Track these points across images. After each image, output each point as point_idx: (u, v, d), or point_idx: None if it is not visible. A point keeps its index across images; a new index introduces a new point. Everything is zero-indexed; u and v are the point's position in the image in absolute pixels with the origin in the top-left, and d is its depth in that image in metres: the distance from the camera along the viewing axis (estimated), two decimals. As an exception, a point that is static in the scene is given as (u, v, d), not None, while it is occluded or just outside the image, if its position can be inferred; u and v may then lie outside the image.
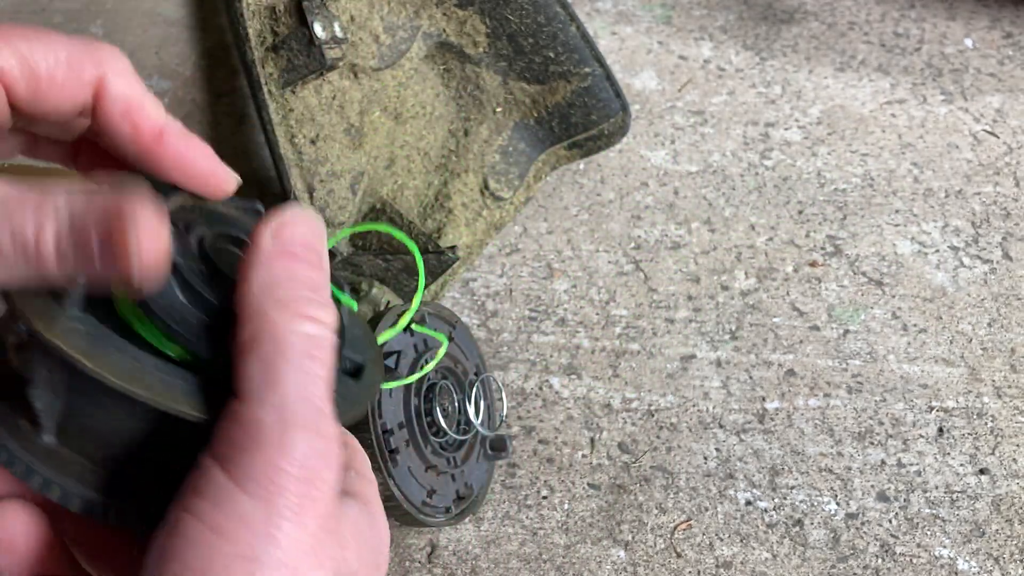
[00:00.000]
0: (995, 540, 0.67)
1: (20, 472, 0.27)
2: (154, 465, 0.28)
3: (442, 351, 0.48)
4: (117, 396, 0.26)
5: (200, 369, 0.28)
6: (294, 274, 0.28)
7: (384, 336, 0.34)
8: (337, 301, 0.30)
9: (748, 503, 0.68)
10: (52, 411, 0.27)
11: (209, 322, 0.28)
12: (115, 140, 0.31)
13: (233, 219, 0.31)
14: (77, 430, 0.27)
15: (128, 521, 0.28)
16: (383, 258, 0.69)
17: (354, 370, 0.32)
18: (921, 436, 0.72)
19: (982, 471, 0.71)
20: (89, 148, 0.34)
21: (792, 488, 0.69)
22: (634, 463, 0.70)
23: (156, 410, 0.26)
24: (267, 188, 0.88)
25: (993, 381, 0.76)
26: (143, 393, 0.25)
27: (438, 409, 0.59)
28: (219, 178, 0.32)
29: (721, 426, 0.73)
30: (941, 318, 0.81)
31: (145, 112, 0.31)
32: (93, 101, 0.31)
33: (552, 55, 0.79)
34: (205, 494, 0.25)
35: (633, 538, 0.66)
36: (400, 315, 0.61)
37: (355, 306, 0.32)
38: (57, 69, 0.30)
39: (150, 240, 0.25)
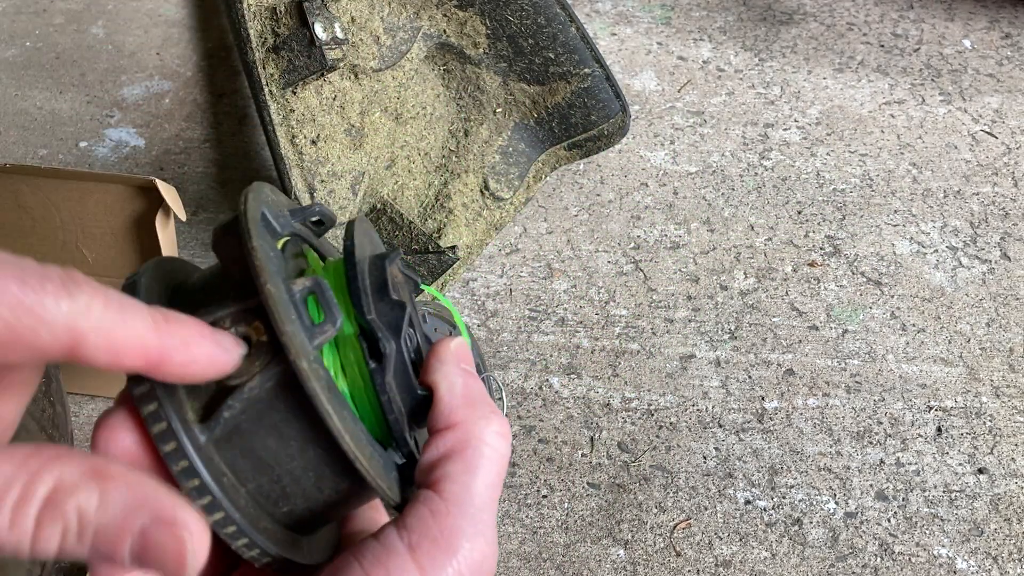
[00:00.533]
0: (993, 539, 0.67)
1: (180, 470, 0.26)
2: (311, 513, 0.29)
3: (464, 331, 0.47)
4: (317, 444, 0.27)
5: (384, 449, 0.30)
6: (480, 391, 0.31)
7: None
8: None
9: (747, 502, 0.69)
10: (232, 420, 0.27)
11: (407, 412, 0.30)
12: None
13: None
14: (240, 448, 0.27)
15: (272, 553, 0.28)
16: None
17: None
18: (920, 436, 0.73)
19: (980, 470, 0.71)
20: None
21: (791, 487, 0.70)
22: (634, 462, 0.71)
23: (351, 473, 0.28)
24: (268, 188, 0.88)
25: (991, 381, 0.76)
26: (363, 464, 0.27)
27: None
28: (221, 361, 0.27)
29: (720, 425, 0.73)
30: (940, 318, 0.81)
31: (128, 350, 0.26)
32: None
33: (552, 56, 0.79)
34: (380, 558, 0.28)
35: (633, 537, 0.67)
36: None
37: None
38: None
39: (200, 557, 0.24)
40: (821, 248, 0.86)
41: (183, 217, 0.72)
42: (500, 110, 0.82)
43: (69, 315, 0.23)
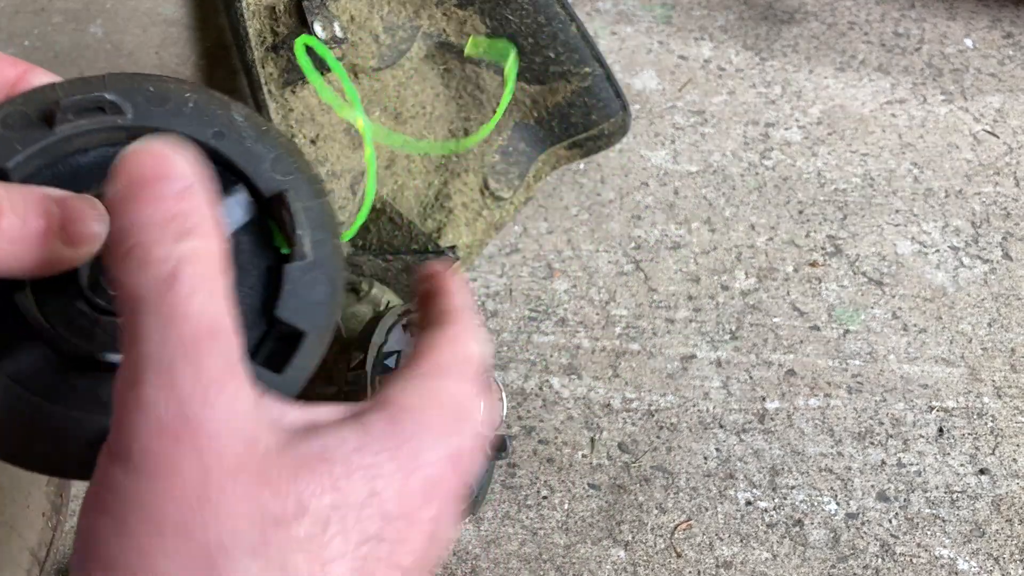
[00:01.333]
0: (995, 540, 0.67)
1: None
2: None
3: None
4: None
5: None
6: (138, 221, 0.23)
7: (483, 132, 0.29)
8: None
9: (748, 503, 0.68)
10: None
11: None
12: None
13: None
14: None
15: None
16: (383, 258, 0.69)
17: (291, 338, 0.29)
18: (921, 436, 0.72)
19: (982, 471, 0.71)
20: None
21: (792, 488, 0.69)
22: (634, 463, 0.70)
23: None
24: (267, 188, 0.88)
25: (993, 381, 0.76)
26: None
27: None
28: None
29: (721, 426, 0.73)
30: (941, 318, 0.81)
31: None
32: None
33: (552, 55, 0.79)
34: (97, 487, 0.23)
35: (633, 538, 0.66)
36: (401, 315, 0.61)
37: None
38: None
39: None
40: (822, 248, 0.86)
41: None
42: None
43: None
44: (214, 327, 0.22)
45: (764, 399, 0.74)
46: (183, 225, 0.23)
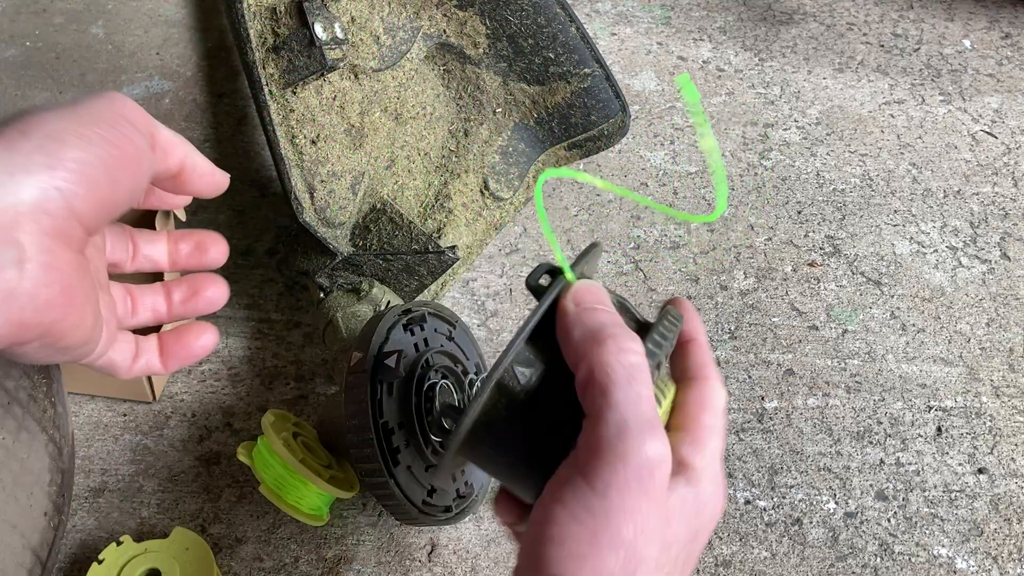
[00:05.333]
0: (993, 539, 0.67)
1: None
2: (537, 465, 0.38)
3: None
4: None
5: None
6: (601, 320, 0.37)
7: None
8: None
9: (747, 502, 0.69)
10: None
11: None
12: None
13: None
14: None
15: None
16: (383, 258, 0.69)
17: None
18: (920, 435, 0.73)
19: (980, 470, 0.71)
20: None
21: (791, 487, 0.70)
22: (634, 462, 0.71)
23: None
24: (268, 188, 0.88)
25: (991, 381, 0.76)
26: None
27: (438, 408, 0.59)
28: (217, 179, 0.42)
29: (720, 425, 0.73)
30: (939, 318, 0.81)
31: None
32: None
33: (552, 56, 0.79)
34: (565, 494, 0.34)
35: (633, 537, 0.67)
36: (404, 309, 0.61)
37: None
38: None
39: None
40: (821, 248, 0.86)
41: (183, 217, 0.72)
42: (500, 110, 0.82)
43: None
44: (654, 420, 0.35)
45: (763, 398, 0.75)
46: (628, 331, 0.37)
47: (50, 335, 0.34)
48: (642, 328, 0.40)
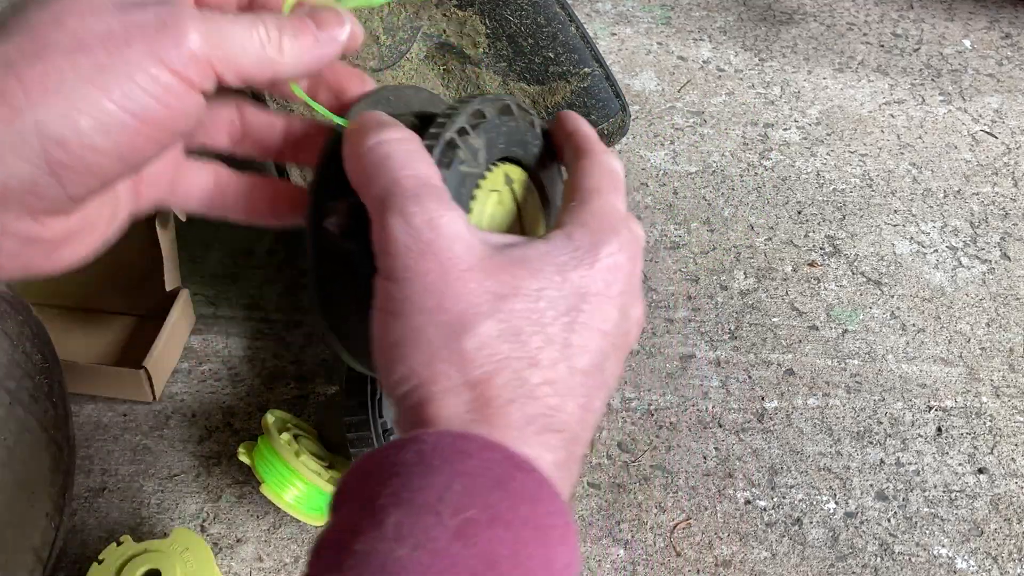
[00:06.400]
0: (993, 539, 0.67)
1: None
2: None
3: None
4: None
5: None
6: (365, 122, 0.36)
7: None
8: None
9: (747, 502, 0.69)
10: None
11: None
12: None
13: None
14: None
15: None
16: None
17: None
18: (920, 435, 0.73)
19: (980, 470, 0.71)
20: None
21: (791, 487, 0.70)
22: (633, 462, 0.71)
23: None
24: (268, 188, 0.88)
25: (992, 381, 0.76)
26: None
27: None
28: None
29: (720, 425, 0.73)
30: (940, 318, 0.81)
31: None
32: None
33: (552, 56, 0.79)
34: (376, 302, 0.33)
35: (632, 537, 0.67)
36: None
37: None
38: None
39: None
40: (821, 248, 0.86)
41: (183, 217, 0.72)
42: (500, 110, 0.82)
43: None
44: (428, 180, 0.33)
45: (763, 398, 0.75)
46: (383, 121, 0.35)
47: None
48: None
